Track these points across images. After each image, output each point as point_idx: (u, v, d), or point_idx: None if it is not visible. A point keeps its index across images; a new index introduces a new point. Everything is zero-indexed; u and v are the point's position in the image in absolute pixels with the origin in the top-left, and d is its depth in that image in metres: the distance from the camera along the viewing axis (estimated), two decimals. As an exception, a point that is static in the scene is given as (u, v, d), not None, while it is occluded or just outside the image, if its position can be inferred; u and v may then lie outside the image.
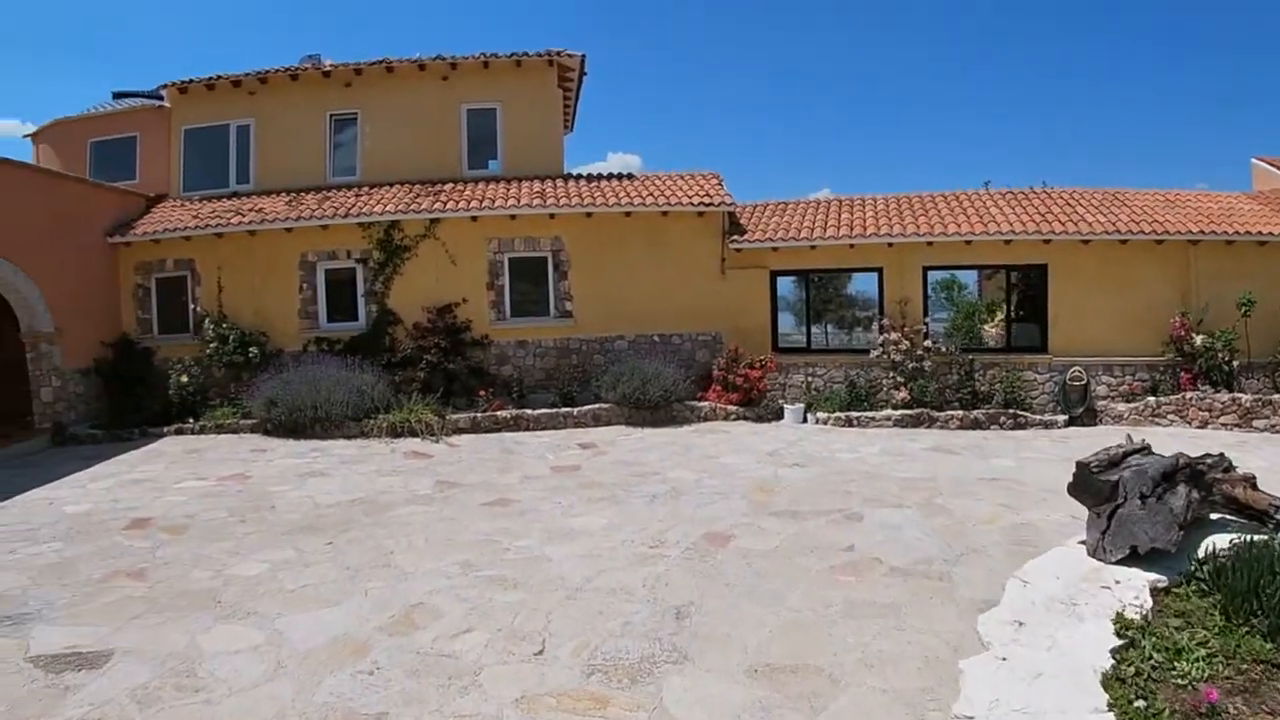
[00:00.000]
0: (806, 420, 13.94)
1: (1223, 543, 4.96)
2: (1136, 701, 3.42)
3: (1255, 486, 5.57)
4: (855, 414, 13.67)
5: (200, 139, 16.71)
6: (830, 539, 6.99)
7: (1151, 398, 13.85)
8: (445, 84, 16.56)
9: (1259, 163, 17.37)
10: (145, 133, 16.83)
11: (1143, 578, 4.71)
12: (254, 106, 16.57)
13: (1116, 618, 4.18)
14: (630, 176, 16.72)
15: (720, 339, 15.20)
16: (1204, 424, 13.15)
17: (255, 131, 16.60)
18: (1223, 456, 5.82)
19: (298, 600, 5.78)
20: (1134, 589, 4.57)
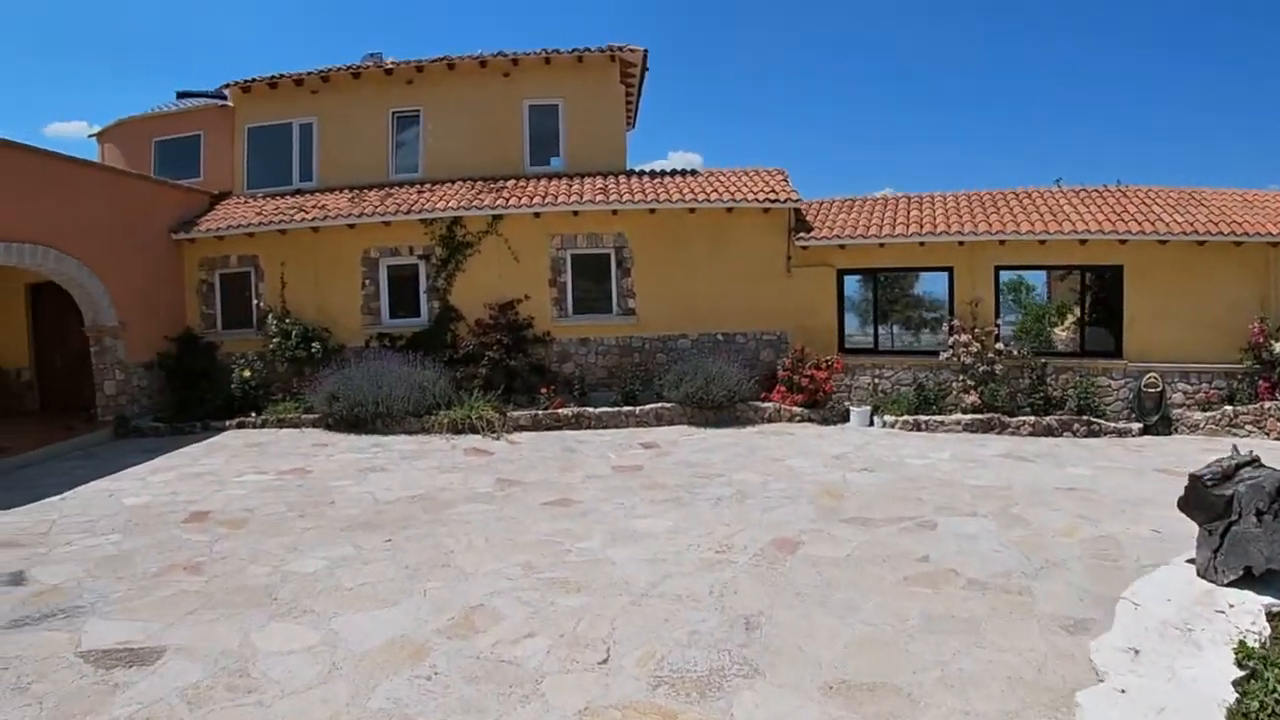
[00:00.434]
0: (873, 423, 13.48)
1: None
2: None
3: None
4: (923, 418, 13.18)
5: (263, 137, 16.86)
6: (903, 548, 6.64)
7: (1229, 407, 13.14)
8: (507, 80, 16.44)
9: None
10: (209, 131, 17.03)
11: (1257, 601, 4.37)
12: (316, 105, 16.65)
13: (1238, 646, 3.84)
14: (694, 172, 16.42)
15: (785, 338, 14.81)
16: (1283, 435, 12.43)
17: (318, 129, 16.68)
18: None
19: (355, 599, 5.58)
20: (1250, 613, 4.24)
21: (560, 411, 13.16)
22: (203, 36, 62.40)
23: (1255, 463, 5.20)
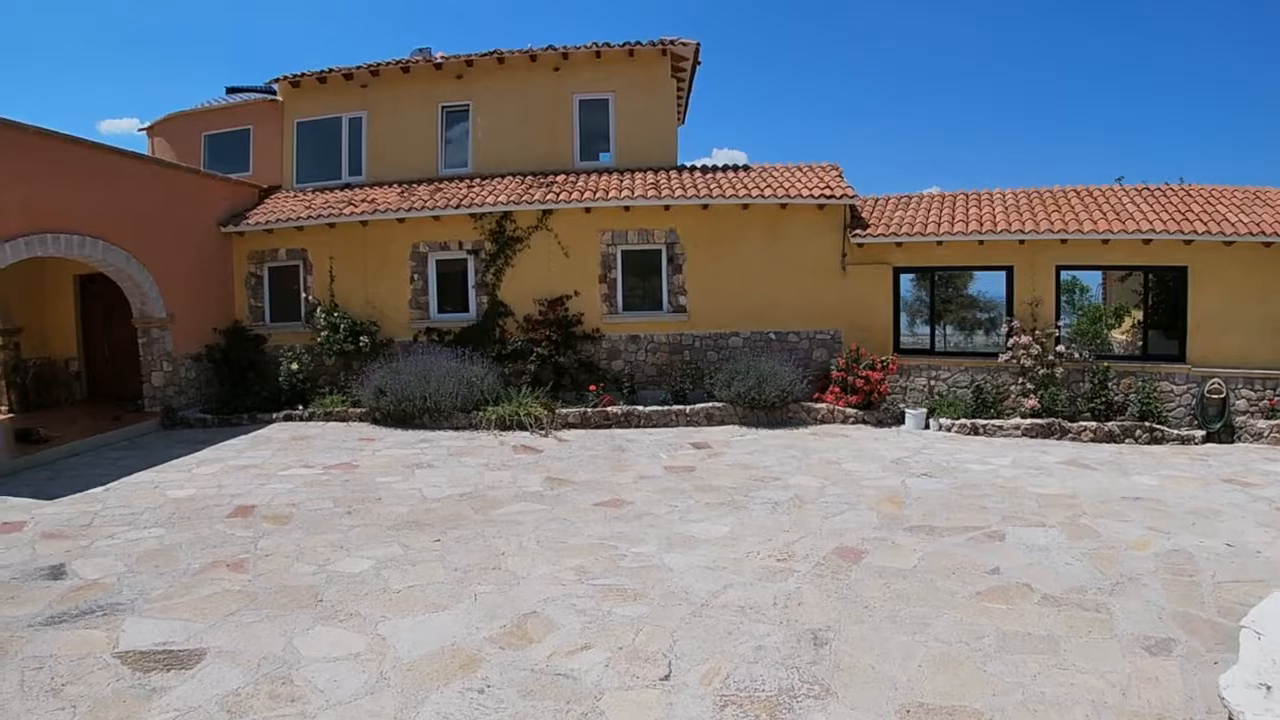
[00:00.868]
0: (929, 426, 13.00)
1: None
2: None
3: None
4: (981, 421, 12.67)
5: (312, 131, 16.83)
6: (972, 560, 6.28)
7: (1293, 415, 12.47)
8: (557, 75, 16.21)
9: None
10: (258, 125, 17.03)
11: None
12: (366, 99, 16.56)
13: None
14: (746, 168, 16.03)
15: (839, 338, 14.38)
16: (1347, 447, 11.75)
17: (367, 124, 16.59)
18: None
19: (403, 602, 5.34)
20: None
21: (609, 409, 12.88)
22: (252, 32, 63.36)
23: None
